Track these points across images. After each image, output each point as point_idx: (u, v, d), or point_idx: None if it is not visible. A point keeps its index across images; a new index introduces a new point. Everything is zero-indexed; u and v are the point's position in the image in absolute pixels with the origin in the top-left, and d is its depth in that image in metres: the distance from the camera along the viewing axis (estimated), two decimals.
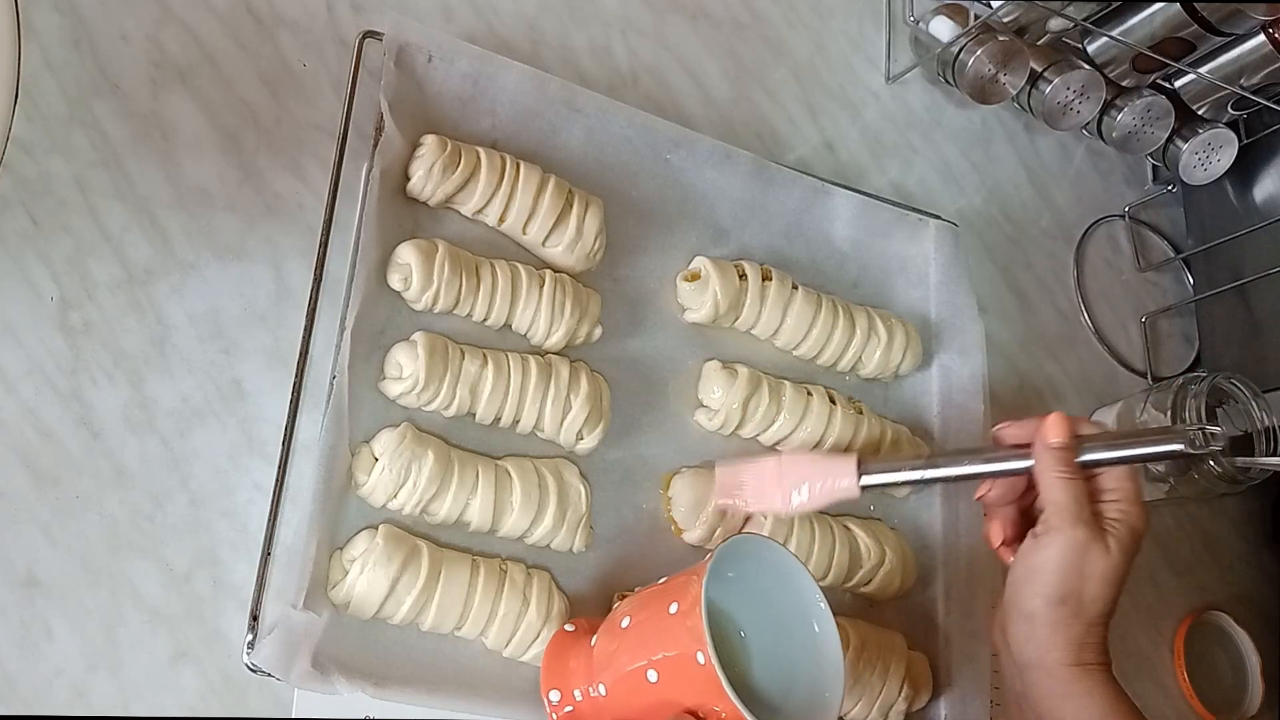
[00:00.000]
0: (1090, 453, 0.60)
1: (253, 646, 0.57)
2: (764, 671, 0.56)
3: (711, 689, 0.49)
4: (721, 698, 0.49)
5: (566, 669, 0.57)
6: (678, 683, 0.51)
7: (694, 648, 0.50)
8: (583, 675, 0.56)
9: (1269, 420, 0.83)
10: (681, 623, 0.51)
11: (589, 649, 0.57)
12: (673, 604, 0.52)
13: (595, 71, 0.81)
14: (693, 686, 0.51)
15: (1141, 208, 1.03)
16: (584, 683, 0.56)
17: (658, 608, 0.53)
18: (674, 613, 0.52)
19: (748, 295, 0.75)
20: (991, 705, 0.75)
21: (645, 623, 0.54)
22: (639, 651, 0.53)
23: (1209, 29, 0.83)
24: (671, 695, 0.52)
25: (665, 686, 0.52)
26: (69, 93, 0.64)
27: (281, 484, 0.61)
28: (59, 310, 0.61)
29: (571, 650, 0.58)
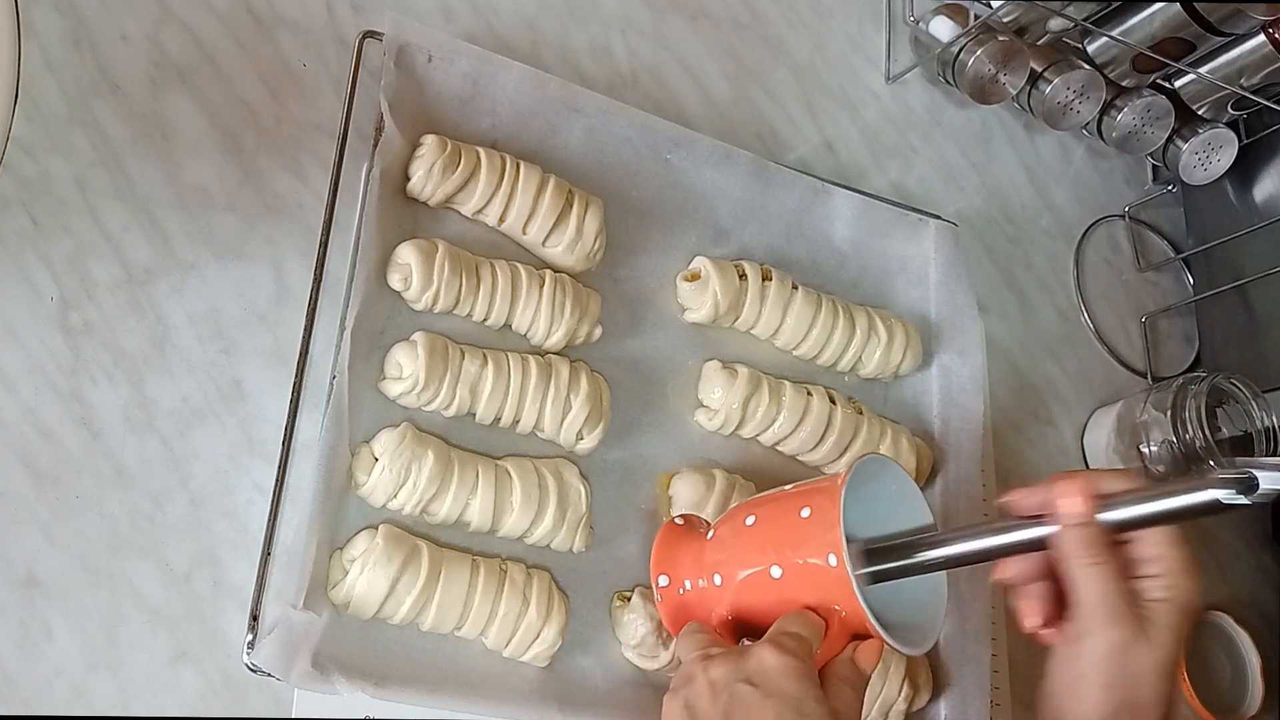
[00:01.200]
0: (1114, 511, 0.50)
1: (253, 646, 0.57)
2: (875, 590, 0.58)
3: (840, 590, 0.52)
4: (849, 598, 0.52)
5: (678, 558, 0.59)
6: (804, 582, 0.54)
7: (827, 551, 0.52)
8: (695, 567, 0.58)
9: (1269, 420, 0.83)
10: (815, 526, 0.53)
11: (703, 541, 0.59)
12: (805, 508, 0.55)
13: (595, 71, 0.81)
14: (820, 587, 0.53)
15: (1141, 208, 1.03)
16: (696, 574, 0.58)
17: (789, 510, 0.56)
18: (806, 516, 0.54)
19: (748, 295, 0.75)
20: (991, 705, 0.75)
21: (774, 521, 0.56)
22: (765, 548, 0.56)
23: (1209, 29, 0.83)
24: (794, 594, 0.54)
25: (790, 584, 0.54)
26: (69, 93, 0.64)
27: (281, 484, 0.61)
28: (59, 310, 0.61)
29: (684, 541, 0.60)
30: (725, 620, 0.57)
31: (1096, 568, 0.50)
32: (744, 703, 0.48)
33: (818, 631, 0.53)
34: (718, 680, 0.50)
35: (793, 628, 0.52)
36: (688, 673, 0.52)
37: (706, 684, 0.50)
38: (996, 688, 0.76)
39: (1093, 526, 0.50)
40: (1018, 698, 0.79)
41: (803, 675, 0.49)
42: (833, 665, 0.52)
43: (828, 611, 0.53)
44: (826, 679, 0.51)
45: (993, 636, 0.77)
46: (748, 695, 0.49)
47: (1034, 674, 0.82)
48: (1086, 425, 0.93)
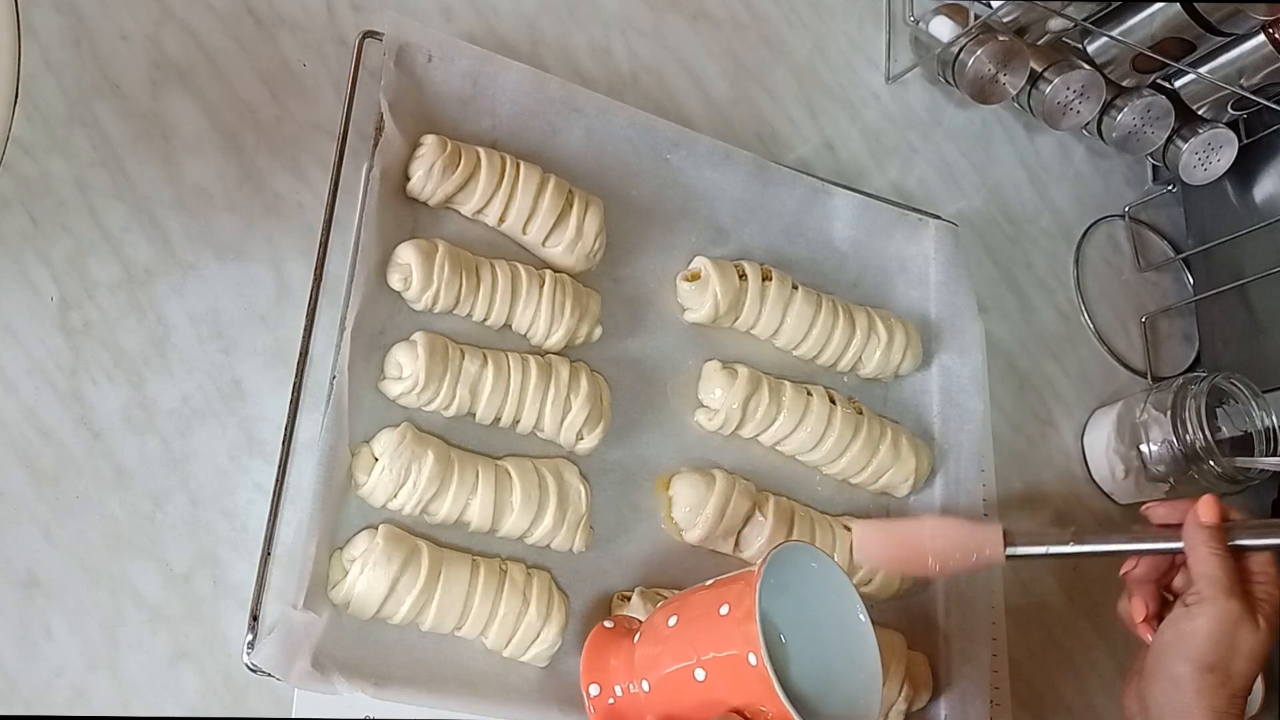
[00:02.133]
0: (1239, 538, 0.61)
1: (253, 646, 0.57)
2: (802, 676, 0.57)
3: (762, 689, 0.51)
4: (771, 698, 0.50)
5: (607, 665, 0.58)
6: (726, 682, 0.52)
7: (746, 649, 0.51)
8: (624, 672, 0.57)
9: (1269, 420, 0.83)
10: (733, 624, 0.52)
11: (631, 645, 0.58)
12: (723, 605, 0.53)
13: (595, 71, 0.81)
14: (742, 687, 0.52)
15: (1141, 208, 1.03)
16: (625, 679, 0.57)
17: (707, 608, 0.55)
18: (725, 614, 0.53)
19: (748, 295, 0.75)
20: (991, 705, 0.75)
21: (694, 623, 0.55)
22: (687, 650, 0.54)
23: (1209, 29, 0.83)
24: (719, 694, 0.53)
25: (713, 686, 0.53)
26: (69, 93, 0.64)
27: (281, 484, 0.61)
28: (59, 310, 0.61)
29: (612, 646, 0.59)
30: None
31: (1220, 556, 0.60)
32: None
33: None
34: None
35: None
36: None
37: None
38: (996, 688, 0.76)
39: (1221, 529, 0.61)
40: (1018, 698, 0.79)
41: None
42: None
43: (755, 713, 0.52)
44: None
45: (993, 637, 0.77)
46: None
47: (1034, 674, 0.82)
48: (1086, 425, 0.93)
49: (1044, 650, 0.84)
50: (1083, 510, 0.90)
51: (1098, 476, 0.91)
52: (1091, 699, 0.84)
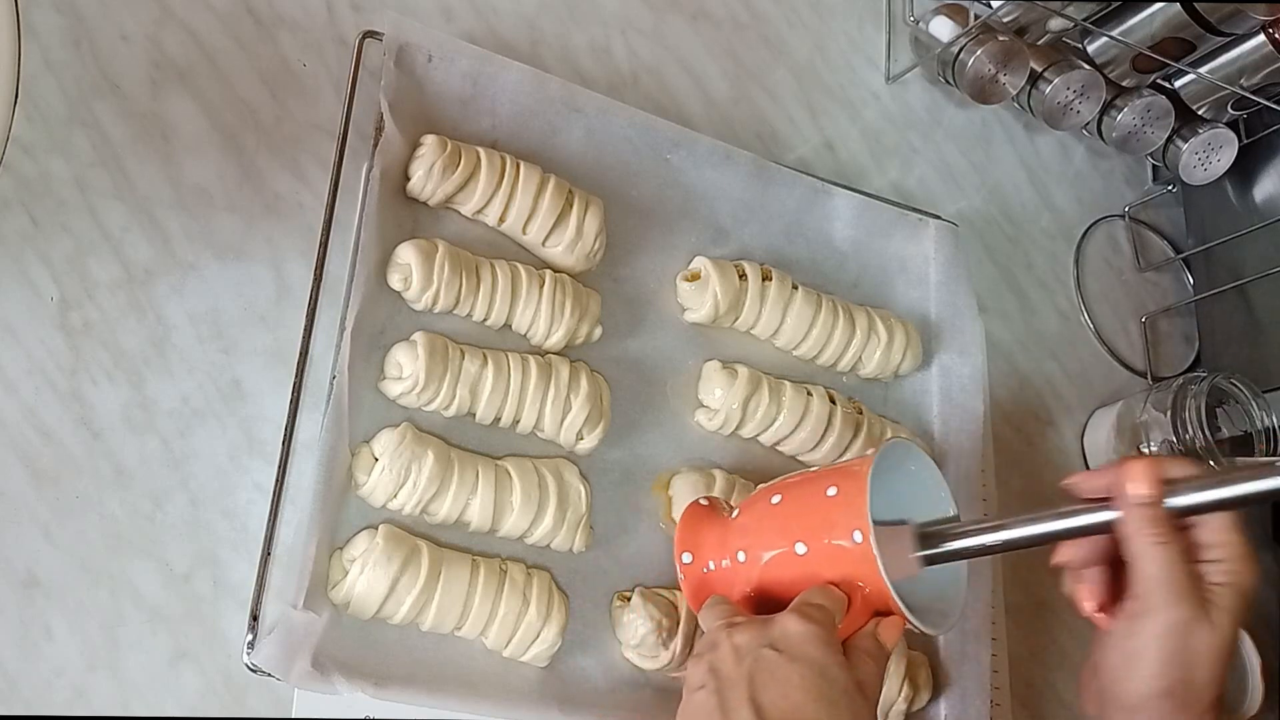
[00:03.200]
0: (1179, 496, 0.50)
1: (253, 646, 0.57)
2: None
3: (864, 566, 0.53)
4: (872, 575, 0.52)
5: (701, 537, 0.60)
6: (827, 558, 0.54)
7: (852, 528, 0.53)
8: (717, 545, 0.59)
9: (1269, 420, 0.83)
10: (842, 505, 0.54)
11: (727, 521, 0.60)
12: (831, 487, 0.55)
13: (595, 71, 0.81)
14: (843, 563, 0.54)
15: (1141, 208, 1.03)
16: (719, 552, 0.59)
17: (816, 489, 0.57)
18: (833, 495, 0.55)
19: (748, 295, 0.75)
20: (991, 705, 0.75)
21: (801, 501, 0.57)
22: (790, 525, 0.57)
23: (1209, 29, 0.83)
24: (817, 570, 0.55)
25: (813, 560, 0.55)
26: (69, 93, 0.64)
27: (281, 484, 0.61)
28: (59, 310, 0.61)
29: (708, 520, 0.61)
30: (748, 596, 0.58)
31: (1162, 547, 0.50)
32: (768, 666, 0.49)
33: (840, 605, 0.53)
34: (742, 645, 0.51)
35: (817, 599, 0.53)
36: (712, 639, 0.53)
37: (731, 648, 0.51)
38: (996, 688, 0.76)
39: (1159, 507, 0.50)
40: (1018, 698, 0.79)
41: (826, 642, 0.50)
42: (855, 638, 0.53)
43: (851, 588, 0.54)
44: (849, 651, 0.52)
45: (993, 636, 0.77)
46: (772, 659, 0.49)
47: (1034, 674, 0.82)
48: (1086, 425, 0.93)
49: (1044, 650, 0.84)
50: None
51: None
52: None
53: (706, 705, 0.49)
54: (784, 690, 0.48)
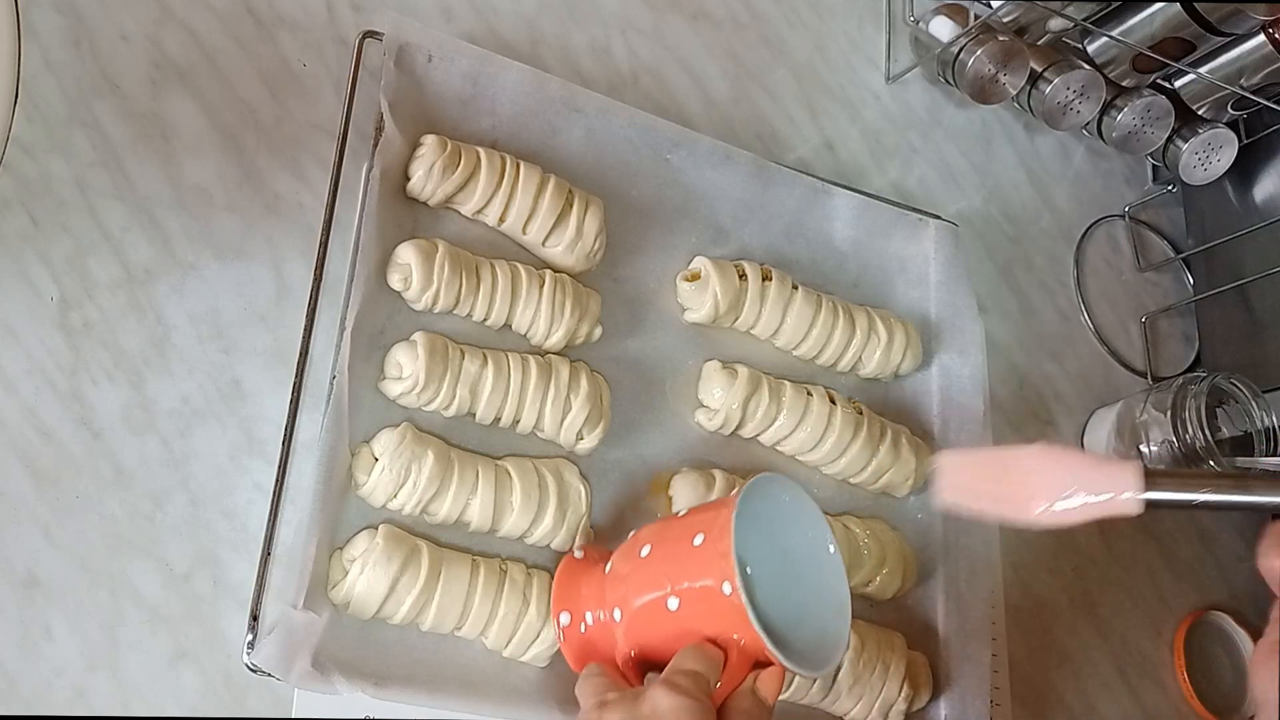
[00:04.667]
0: None
1: (253, 646, 0.57)
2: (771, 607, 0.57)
3: (736, 619, 0.51)
4: (745, 627, 0.51)
5: (579, 593, 0.59)
6: (700, 612, 0.53)
7: (721, 579, 0.51)
8: (595, 600, 0.58)
9: (1269, 420, 0.83)
10: (708, 554, 0.52)
11: (602, 575, 0.58)
12: (698, 535, 0.53)
13: (595, 71, 0.81)
14: (716, 616, 0.52)
15: (1141, 208, 1.03)
16: (596, 607, 0.57)
17: (681, 538, 0.54)
18: (699, 544, 0.53)
19: (748, 295, 0.75)
20: (991, 705, 0.75)
21: (668, 552, 0.55)
22: (660, 580, 0.54)
23: (1209, 29, 0.83)
24: (692, 624, 0.53)
25: (686, 615, 0.53)
26: (69, 93, 0.64)
27: (281, 484, 0.61)
28: (59, 310, 0.61)
29: (584, 575, 0.59)
30: (628, 657, 0.56)
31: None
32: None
33: (715, 665, 0.52)
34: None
35: (688, 664, 0.52)
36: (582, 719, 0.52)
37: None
38: (996, 688, 0.76)
39: None
40: (1018, 698, 0.79)
41: (694, 713, 0.49)
42: (733, 699, 0.52)
43: (727, 641, 0.52)
44: (727, 714, 0.51)
45: (993, 637, 0.77)
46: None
47: (1034, 674, 0.82)
48: (1086, 425, 0.93)
49: (1044, 650, 0.84)
50: None
51: None
52: (1091, 699, 0.84)
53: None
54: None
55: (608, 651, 0.57)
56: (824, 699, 0.69)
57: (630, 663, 0.56)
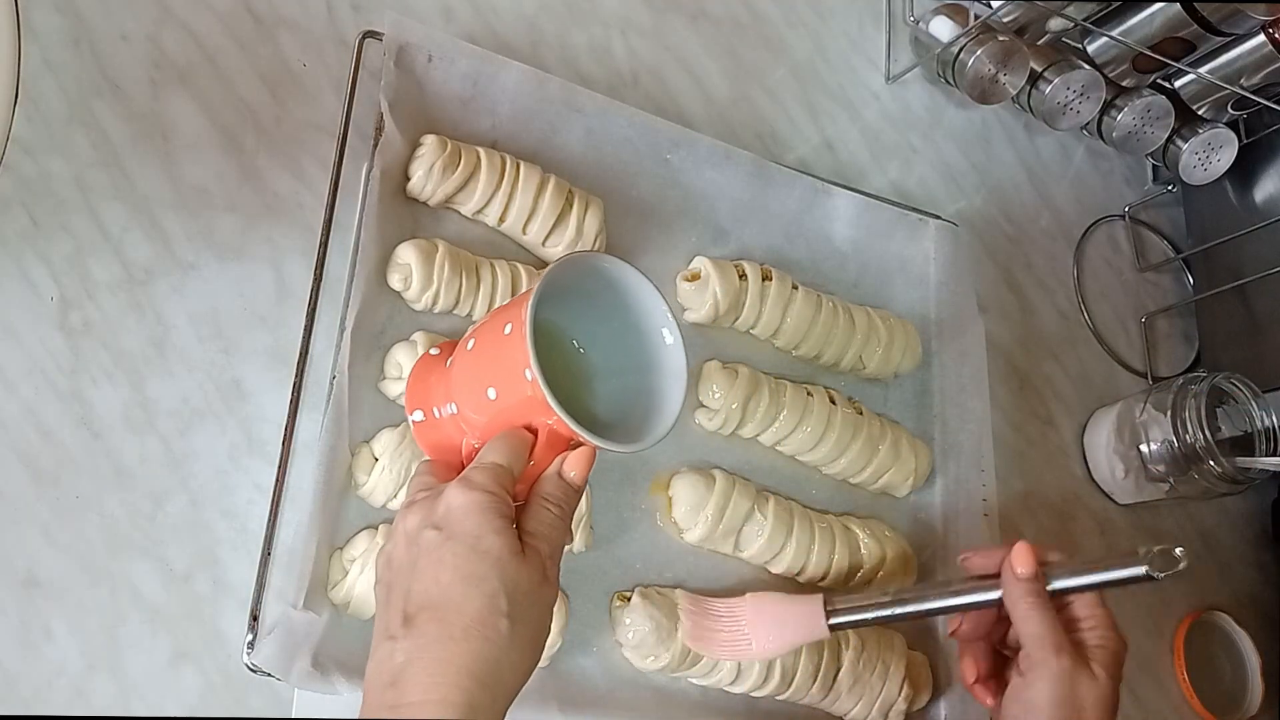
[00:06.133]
0: (1058, 580, 0.59)
1: (253, 646, 0.57)
2: (605, 386, 0.57)
3: (539, 404, 0.50)
4: (549, 412, 0.50)
5: (429, 390, 0.58)
6: (513, 399, 0.52)
7: (522, 364, 0.50)
8: (442, 395, 0.57)
9: (1269, 420, 0.83)
10: (512, 341, 0.52)
11: (445, 369, 0.58)
12: (506, 324, 0.53)
13: (595, 71, 0.81)
14: (525, 403, 0.52)
15: (1141, 208, 1.03)
16: (441, 400, 0.57)
17: (495, 328, 0.54)
18: (507, 333, 0.52)
19: (748, 295, 0.75)
20: None
21: (482, 342, 0.55)
22: (478, 370, 0.55)
23: (1209, 29, 0.83)
24: (508, 413, 0.53)
25: (502, 403, 0.53)
26: (69, 93, 0.64)
27: (281, 484, 0.61)
28: (59, 310, 0.61)
29: (432, 371, 0.59)
30: (471, 449, 0.56)
31: (1041, 609, 0.58)
32: (429, 549, 0.48)
33: (520, 450, 0.52)
34: (411, 529, 0.50)
35: (489, 456, 0.52)
36: (393, 526, 0.52)
37: (403, 535, 0.50)
38: None
39: (1039, 578, 0.59)
40: None
41: (484, 509, 0.49)
42: (538, 484, 0.52)
43: (539, 425, 0.52)
44: (529, 502, 0.51)
45: None
46: (431, 541, 0.49)
47: None
48: (1086, 425, 0.93)
49: None
50: (1082, 510, 0.90)
51: (1098, 476, 0.91)
52: None
53: (379, 599, 0.50)
54: (435, 573, 0.47)
55: (455, 445, 0.57)
56: (824, 699, 0.69)
57: (472, 454, 0.55)
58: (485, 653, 0.46)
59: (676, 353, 0.57)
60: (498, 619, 0.47)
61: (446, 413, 0.57)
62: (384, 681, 0.46)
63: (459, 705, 0.44)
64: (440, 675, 0.45)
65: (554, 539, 0.51)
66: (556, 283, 0.53)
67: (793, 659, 0.67)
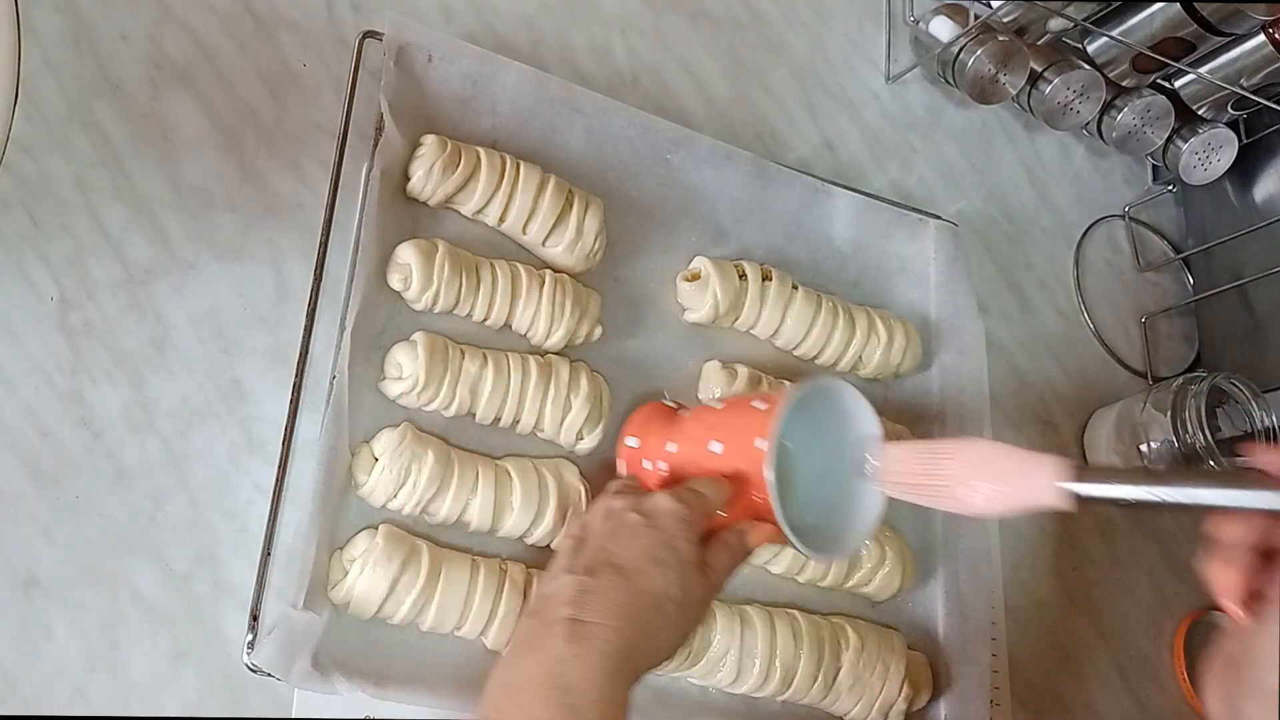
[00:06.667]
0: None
1: (253, 646, 0.57)
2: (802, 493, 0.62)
3: (756, 478, 0.57)
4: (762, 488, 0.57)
5: (651, 427, 0.66)
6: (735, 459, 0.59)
7: (760, 435, 0.57)
8: (661, 437, 0.65)
9: (1269, 420, 0.83)
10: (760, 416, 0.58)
11: (678, 419, 0.66)
12: (761, 402, 0.60)
13: (595, 71, 0.81)
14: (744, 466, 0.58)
15: (1141, 208, 1.03)
16: (660, 438, 0.65)
17: (748, 400, 0.62)
18: (759, 407, 0.59)
19: (748, 295, 0.75)
20: (991, 705, 0.75)
21: (732, 408, 0.63)
22: (716, 427, 0.62)
23: (1209, 29, 0.83)
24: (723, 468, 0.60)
25: (723, 459, 0.60)
26: (69, 93, 0.64)
27: (281, 484, 0.61)
28: (59, 310, 0.61)
29: (663, 416, 0.67)
30: (664, 480, 0.63)
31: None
32: (628, 526, 0.55)
33: (721, 497, 0.58)
34: (615, 508, 0.57)
35: (700, 486, 0.58)
36: (596, 503, 0.60)
37: (604, 509, 0.58)
38: (996, 688, 0.76)
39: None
40: (1018, 698, 0.79)
41: (686, 521, 0.56)
42: (723, 530, 0.58)
43: (744, 489, 0.58)
44: (712, 538, 0.57)
45: (993, 637, 0.77)
46: (635, 522, 0.56)
47: (1034, 674, 0.82)
48: (1086, 425, 0.93)
49: (1044, 650, 0.84)
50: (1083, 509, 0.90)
51: None
52: (1091, 699, 0.84)
53: (566, 548, 0.57)
54: (631, 544, 0.54)
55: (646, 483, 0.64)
56: (824, 699, 0.69)
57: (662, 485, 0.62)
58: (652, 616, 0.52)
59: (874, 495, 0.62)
60: (668, 601, 0.53)
61: (658, 452, 0.64)
62: (563, 600, 0.52)
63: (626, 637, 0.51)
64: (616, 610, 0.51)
65: (721, 576, 0.57)
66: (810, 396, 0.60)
67: (793, 659, 0.67)
